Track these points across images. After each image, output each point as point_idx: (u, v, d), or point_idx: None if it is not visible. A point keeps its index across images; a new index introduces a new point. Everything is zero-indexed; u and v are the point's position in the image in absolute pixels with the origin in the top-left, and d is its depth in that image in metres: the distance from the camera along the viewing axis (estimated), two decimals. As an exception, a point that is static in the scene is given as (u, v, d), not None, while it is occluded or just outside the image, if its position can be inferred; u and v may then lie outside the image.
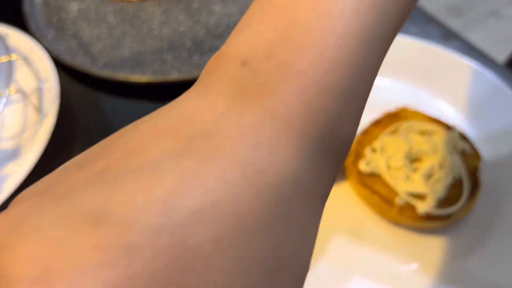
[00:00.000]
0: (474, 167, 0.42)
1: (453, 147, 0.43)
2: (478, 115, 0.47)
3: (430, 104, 0.49)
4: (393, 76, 0.51)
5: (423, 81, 0.50)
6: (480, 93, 0.48)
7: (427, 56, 0.51)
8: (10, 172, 0.45)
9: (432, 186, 0.41)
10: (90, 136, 0.51)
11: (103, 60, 0.56)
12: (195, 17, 0.61)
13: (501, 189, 0.43)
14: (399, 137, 0.43)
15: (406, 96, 0.50)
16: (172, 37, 0.58)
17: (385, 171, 0.42)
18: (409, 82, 0.51)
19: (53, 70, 0.51)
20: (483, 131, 0.46)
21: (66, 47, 0.58)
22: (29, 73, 0.52)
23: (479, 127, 0.47)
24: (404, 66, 0.51)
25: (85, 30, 0.60)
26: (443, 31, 0.57)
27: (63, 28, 0.60)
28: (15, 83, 0.53)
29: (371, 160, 0.43)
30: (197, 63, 0.55)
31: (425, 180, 0.41)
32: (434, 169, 0.42)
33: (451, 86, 0.49)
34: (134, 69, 0.55)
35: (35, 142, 0.47)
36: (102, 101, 0.55)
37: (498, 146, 0.45)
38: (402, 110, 0.46)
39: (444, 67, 0.50)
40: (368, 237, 0.42)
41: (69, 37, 0.59)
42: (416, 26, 0.58)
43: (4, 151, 0.48)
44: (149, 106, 0.53)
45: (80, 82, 0.56)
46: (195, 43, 0.58)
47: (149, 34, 0.59)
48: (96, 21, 0.61)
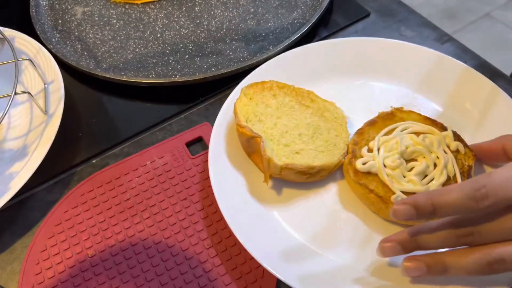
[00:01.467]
0: (468, 166, 0.43)
1: (447, 146, 0.44)
2: (472, 115, 0.48)
3: (425, 105, 0.50)
4: (389, 78, 0.52)
5: (418, 82, 0.52)
6: (474, 94, 0.49)
7: (423, 59, 0.52)
8: (17, 171, 0.46)
9: (427, 185, 0.42)
10: (94, 136, 0.52)
11: (107, 62, 0.58)
12: (196, 21, 0.62)
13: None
14: (395, 137, 0.45)
15: (402, 97, 0.51)
16: (174, 40, 0.60)
17: (381, 170, 0.43)
18: (404, 84, 0.52)
19: (58, 72, 0.52)
20: (477, 131, 0.48)
21: (71, 50, 0.59)
22: (35, 75, 0.53)
23: (473, 127, 0.48)
24: (400, 68, 0.52)
25: (89, 33, 0.61)
26: (439, 34, 0.59)
27: (68, 31, 0.62)
28: (21, 85, 0.54)
29: (367, 160, 0.44)
30: (198, 66, 0.57)
31: (420, 179, 0.43)
32: (429, 168, 0.43)
33: (446, 88, 0.51)
34: (137, 71, 0.56)
35: (40, 142, 0.48)
36: (105, 102, 0.56)
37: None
38: (398, 110, 0.48)
39: (439, 69, 0.51)
40: (365, 235, 0.43)
41: (74, 39, 0.61)
42: (412, 30, 0.59)
43: (10, 150, 0.50)
44: (152, 107, 0.55)
45: (84, 83, 0.57)
46: (196, 46, 0.59)
47: (152, 37, 0.60)
48: (100, 24, 0.62)
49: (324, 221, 0.44)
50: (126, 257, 0.43)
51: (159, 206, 0.46)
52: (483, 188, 0.33)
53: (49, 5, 0.65)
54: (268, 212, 0.44)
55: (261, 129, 0.46)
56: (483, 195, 0.33)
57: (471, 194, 0.33)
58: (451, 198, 0.34)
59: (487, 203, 0.33)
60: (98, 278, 0.42)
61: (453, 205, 0.34)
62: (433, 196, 0.34)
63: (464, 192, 0.33)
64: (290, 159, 0.44)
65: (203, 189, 0.47)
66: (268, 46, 0.58)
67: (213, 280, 0.42)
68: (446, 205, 0.34)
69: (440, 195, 0.34)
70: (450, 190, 0.34)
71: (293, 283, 0.38)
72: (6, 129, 0.52)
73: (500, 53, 0.83)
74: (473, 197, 0.33)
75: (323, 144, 0.46)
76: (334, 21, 0.61)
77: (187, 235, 0.44)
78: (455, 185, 0.35)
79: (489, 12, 1.30)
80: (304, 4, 0.62)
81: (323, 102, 0.49)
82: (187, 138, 0.51)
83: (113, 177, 0.48)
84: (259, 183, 0.45)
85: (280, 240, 0.42)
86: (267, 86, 0.49)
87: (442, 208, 0.34)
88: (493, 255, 0.34)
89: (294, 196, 0.45)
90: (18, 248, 0.45)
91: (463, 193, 0.33)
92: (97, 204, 0.46)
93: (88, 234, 0.45)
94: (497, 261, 0.34)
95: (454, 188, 0.34)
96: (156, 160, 0.49)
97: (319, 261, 0.41)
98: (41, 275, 0.43)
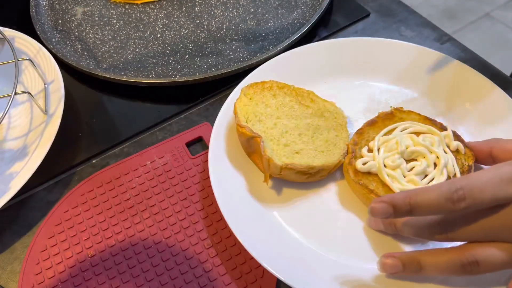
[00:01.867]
0: (468, 166, 0.43)
1: (447, 146, 0.44)
2: (472, 115, 0.49)
3: (425, 104, 0.50)
4: (389, 78, 0.53)
5: (418, 82, 0.52)
6: (474, 94, 0.49)
7: (422, 59, 0.52)
8: (17, 171, 0.46)
9: (427, 185, 0.42)
10: (94, 136, 0.52)
11: (107, 62, 0.58)
12: (196, 21, 0.62)
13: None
14: (395, 137, 0.45)
15: (401, 97, 0.51)
16: (174, 40, 0.60)
17: (382, 170, 0.43)
18: (404, 84, 0.52)
19: (58, 72, 0.52)
20: (477, 131, 0.48)
21: (71, 50, 0.59)
22: (35, 75, 0.53)
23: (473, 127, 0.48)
24: (400, 68, 0.52)
25: (90, 33, 0.61)
26: (439, 34, 0.59)
27: (68, 31, 0.62)
28: (21, 85, 0.54)
29: (367, 160, 0.44)
30: (198, 66, 0.57)
31: (420, 178, 0.43)
32: (429, 168, 0.43)
33: (446, 88, 0.51)
34: (137, 71, 0.56)
35: (40, 142, 0.48)
36: (105, 102, 0.56)
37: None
38: (397, 110, 0.48)
39: (438, 69, 0.51)
40: (365, 235, 0.43)
41: (74, 39, 0.61)
42: (412, 30, 0.60)
43: (10, 150, 0.50)
44: (152, 107, 0.55)
45: (84, 83, 0.57)
46: (196, 46, 0.59)
47: (152, 37, 0.60)
48: (100, 24, 0.62)
49: (324, 221, 0.44)
50: (126, 257, 0.43)
51: (159, 206, 0.46)
52: (460, 190, 0.33)
53: (49, 5, 0.65)
54: (268, 212, 0.44)
55: (261, 129, 0.46)
56: (460, 197, 0.33)
57: (448, 195, 0.33)
58: (428, 198, 0.34)
59: (463, 205, 0.33)
60: (98, 278, 0.42)
61: (430, 205, 0.34)
62: (410, 195, 0.35)
63: (441, 192, 0.33)
64: (290, 159, 0.44)
65: (203, 189, 0.47)
66: (268, 46, 0.58)
67: (213, 280, 0.42)
68: (423, 205, 0.34)
69: (417, 195, 0.34)
70: (427, 190, 0.34)
71: (293, 283, 0.38)
72: (6, 129, 0.52)
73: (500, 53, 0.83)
74: (450, 198, 0.33)
75: (323, 144, 0.46)
76: (334, 21, 0.61)
77: (187, 235, 0.44)
78: (433, 185, 0.35)
79: (489, 12, 1.30)
80: (304, 4, 0.62)
81: (323, 102, 0.49)
82: (187, 138, 0.51)
83: (113, 177, 0.48)
84: (259, 183, 0.45)
85: (280, 240, 0.42)
86: (267, 86, 0.49)
87: (419, 207, 0.34)
88: (467, 256, 0.34)
89: (294, 196, 0.45)
90: (18, 248, 0.45)
91: (440, 193, 0.33)
92: (97, 204, 0.46)
93: (88, 234, 0.45)
94: (470, 263, 0.34)
95: (432, 189, 0.34)
96: (156, 160, 0.49)
97: (319, 261, 0.41)
98: (41, 275, 0.43)
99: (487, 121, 0.48)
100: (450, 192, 0.33)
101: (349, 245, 0.42)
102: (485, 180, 0.33)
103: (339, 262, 0.41)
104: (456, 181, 0.34)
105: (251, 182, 0.45)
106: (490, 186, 0.33)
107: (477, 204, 0.33)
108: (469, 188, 0.33)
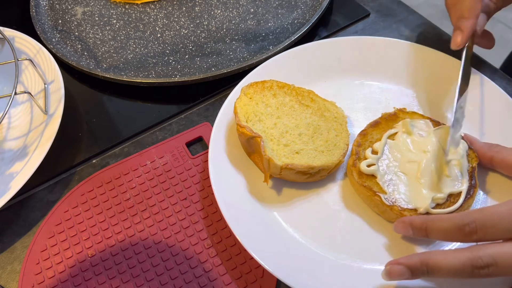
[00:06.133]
0: (471, 167, 0.43)
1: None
2: (472, 115, 0.48)
3: (425, 104, 0.50)
4: (389, 78, 0.52)
5: (418, 82, 0.52)
6: (474, 94, 0.49)
7: (423, 58, 0.52)
8: (17, 171, 0.46)
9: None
10: (94, 136, 0.52)
11: (107, 62, 0.58)
12: (196, 21, 0.62)
13: (497, 189, 0.44)
14: (399, 138, 0.45)
15: (402, 96, 0.51)
16: (174, 40, 0.60)
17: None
18: (404, 83, 0.52)
19: (58, 72, 0.52)
20: (477, 131, 0.48)
21: (71, 50, 0.59)
22: (35, 75, 0.53)
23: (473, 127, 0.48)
24: (400, 67, 0.52)
25: (90, 33, 0.61)
26: (439, 34, 0.59)
27: (68, 31, 0.62)
28: (21, 85, 0.54)
29: (372, 162, 0.44)
30: (198, 66, 0.57)
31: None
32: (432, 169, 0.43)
33: (446, 88, 0.51)
34: (137, 71, 0.56)
35: (40, 141, 0.48)
36: (105, 102, 0.56)
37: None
38: (400, 111, 0.47)
39: (439, 69, 0.51)
40: (365, 236, 0.43)
41: (74, 39, 0.61)
42: (412, 30, 0.59)
43: (10, 150, 0.50)
44: (152, 107, 0.55)
45: (84, 83, 0.57)
46: (196, 46, 0.59)
47: (152, 37, 0.60)
48: (100, 24, 0.62)
49: (324, 221, 0.44)
50: (126, 257, 0.43)
51: (159, 206, 0.46)
52: (472, 223, 0.34)
53: (49, 5, 0.65)
54: (268, 212, 0.44)
55: (261, 129, 0.46)
56: (472, 230, 0.34)
57: (460, 227, 0.35)
58: (442, 227, 0.36)
59: (475, 238, 0.34)
60: (98, 278, 0.42)
61: (443, 233, 0.36)
62: (427, 221, 0.37)
63: (454, 224, 0.35)
64: (290, 159, 0.44)
65: (203, 189, 0.47)
66: (268, 46, 0.58)
67: (213, 280, 0.42)
68: (437, 232, 0.36)
69: (433, 222, 0.37)
70: (442, 219, 0.36)
71: (293, 283, 0.38)
72: (6, 129, 0.52)
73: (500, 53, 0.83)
74: (462, 230, 0.35)
75: (323, 144, 0.46)
76: (334, 21, 0.61)
77: (187, 235, 0.44)
78: (448, 216, 0.36)
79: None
80: (304, 4, 0.62)
81: (323, 102, 0.49)
82: (187, 138, 0.51)
83: (113, 177, 0.48)
84: (259, 183, 0.45)
85: (280, 240, 0.42)
86: (267, 85, 0.49)
87: (433, 233, 0.37)
88: (482, 256, 0.33)
89: (294, 196, 0.45)
90: (18, 248, 0.45)
91: (453, 224, 0.35)
92: (97, 204, 0.46)
93: (88, 233, 0.45)
94: (487, 265, 0.33)
95: (445, 218, 0.36)
96: (156, 160, 0.49)
97: (319, 261, 0.41)
98: (41, 275, 0.43)
99: (487, 120, 0.48)
100: (462, 224, 0.35)
101: (349, 245, 0.42)
102: (499, 216, 0.34)
103: (339, 262, 0.41)
104: (470, 214, 0.35)
105: (251, 182, 0.45)
106: (505, 221, 0.34)
107: (488, 238, 0.34)
108: (481, 222, 0.34)
